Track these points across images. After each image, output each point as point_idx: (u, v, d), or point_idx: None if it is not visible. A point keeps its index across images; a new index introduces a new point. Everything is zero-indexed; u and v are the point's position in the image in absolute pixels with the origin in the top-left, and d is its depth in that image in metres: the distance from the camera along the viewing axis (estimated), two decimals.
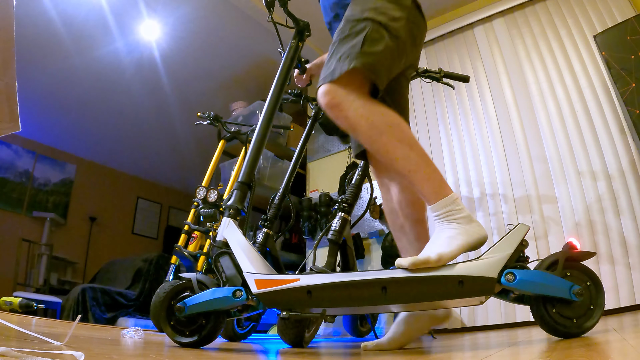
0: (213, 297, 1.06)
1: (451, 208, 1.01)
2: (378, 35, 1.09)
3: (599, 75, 2.38)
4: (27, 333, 1.00)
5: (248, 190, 1.28)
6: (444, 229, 1.00)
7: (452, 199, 1.02)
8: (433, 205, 1.02)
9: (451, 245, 0.96)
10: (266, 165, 3.38)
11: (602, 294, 0.93)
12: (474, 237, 0.99)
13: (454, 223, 1.00)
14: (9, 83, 0.80)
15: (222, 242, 1.17)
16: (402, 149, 1.04)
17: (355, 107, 1.05)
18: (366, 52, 1.06)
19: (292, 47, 1.48)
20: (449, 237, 0.98)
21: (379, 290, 0.96)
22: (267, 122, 1.36)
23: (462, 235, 0.98)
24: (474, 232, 1.00)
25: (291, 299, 1.03)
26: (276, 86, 1.40)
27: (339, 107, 1.05)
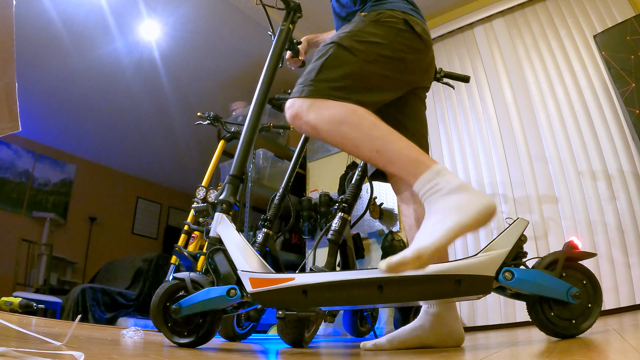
0: (207, 297, 1.05)
1: (436, 182, 0.84)
2: (338, 62, 1.05)
3: (599, 75, 2.39)
4: (27, 333, 0.99)
5: (240, 184, 1.24)
6: (430, 210, 0.83)
7: (435, 170, 0.86)
8: (415, 185, 0.87)
9: (434, 234, 0.77)
10: (266, 165, 3.37)
11: (600, 292, 0.93)
12: (471, 212, 0.78)
13: (442, 199, 0.82)
14: (8, 83, 0.80)
15: (215, 238, 1.15)
16: (362, 132, 0.95)
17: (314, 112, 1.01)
18: (320, 79, 1.03)
19: (283, 30, 1.43)
20: (434, 222, 0.80)
21: (375, 289, 0.95)
22: (259, 107, 1.32)
23: (452, 215, 0.78)
24: (470, 205, 0.78)
25: (287, 299, 1.01)
26: (267, 70, 1.36)
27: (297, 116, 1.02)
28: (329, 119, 0.98)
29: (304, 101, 1.02)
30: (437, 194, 0.83)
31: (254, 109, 1.32)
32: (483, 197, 0.80)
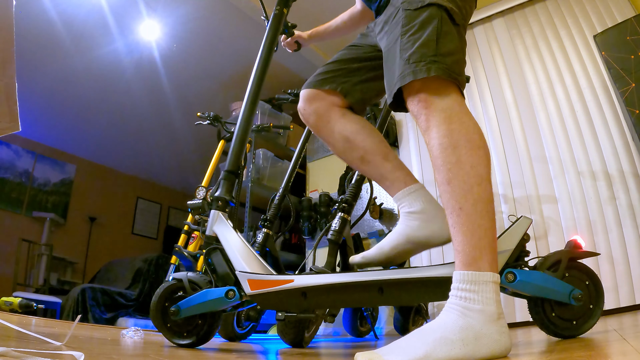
0: (206, 298, 1.04)
1: (477, 289, 0.71)
2: (448, 28, 0.88)
3: (599, 75, 2.39)
4: (27, 333, 0.99)
5: (236, 179, 1.21)
6: (449, 316, 0.71)
7: (487, 279, 0.72)
8: (458, 271, 0.75)
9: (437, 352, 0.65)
10: (266, 165, 3.37)
11: (602, 294, 0.92)
12: (483, 351, 0.67)
13: (467, 317, 0.69)
14: (8, 83, 0.80)
15: (212, 237, 1.12)
16: (467, 177, 0.78)
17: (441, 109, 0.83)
18: (442, 52, 0.85)
19: (277, 15, 1.40)
20: (444, 337, 0.67)
21: (375, 291, 0.94)
22: (254, 95, 1.28)
23: (464, 343, 0.66)
24: (485, 343, 0.67)
25: (286, 301, 1.00)
26: (262, 55, 1.32)
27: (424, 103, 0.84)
28: (453, 132, 0.81)
29: (434, 85, 0.83)
30: (466, 304, 0.71)
31: (248, 98, 1.28)
32: (505, 337, 0.70)
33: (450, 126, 0.81)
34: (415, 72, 0.84)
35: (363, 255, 1.04)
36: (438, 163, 0.81)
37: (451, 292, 0.74)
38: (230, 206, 1.18)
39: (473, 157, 0.79)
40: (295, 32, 1.62)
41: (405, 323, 1.99)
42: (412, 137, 2.93)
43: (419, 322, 2.11)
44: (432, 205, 1.03)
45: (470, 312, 0.70)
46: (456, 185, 0.78)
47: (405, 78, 0.85)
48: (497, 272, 0.75)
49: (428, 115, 0.84)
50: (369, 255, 1.03)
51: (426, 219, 1.00)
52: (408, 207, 1.03)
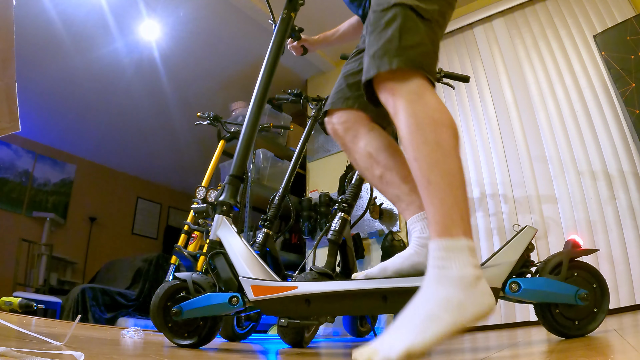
0: (209, 303, 1.04)
1: (451, 256, 0.74)
2: (412, 23, 0.94)
3: (599, 75, 2.39)
4: (27, 333, 0.99)
5: (240, 184, 1.20)
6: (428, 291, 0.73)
7: (460, 245, 0.75)
8: (433, 240, 0.78)
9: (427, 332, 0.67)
10: (266, 165, 3.37)
11: (607, 296, 0.92)
12: (467, 315, 0.70)
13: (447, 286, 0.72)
14: (8, 83, 0.80)
15: (215, 241, 1.12)
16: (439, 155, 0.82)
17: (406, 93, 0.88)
18: (405, 45, 0.90)
19: (284, 19, 1.39)
20: (429, 314, 0.69)
21: (379, 299, 0.93)
22: (261, 100, 1.27)
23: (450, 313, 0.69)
24: (470, 305, 0.71)
25: (289, 308, 0.99)
26: (269, 58, 1.32)
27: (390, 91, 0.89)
28: (417, 114, 0.85)
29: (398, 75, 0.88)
30: (443, 273, 0.74)
31: (255, 100, 1.28)
32: (486, 297, 0.73)
33: (415, 108, 0.86)
34: (379, 65, 0.89)
35: (365, 274, 1.04)
36: (406, 144, 0.86)
37: (429, 262, 0.77)
38: (234, 211, 1.17)
39: (437, 135, 0.83)
40: (302, 36, 1.62)
41: None
42: None
43: None
44: None
45: (447, 279, 0.73)
46: (423, 161, 0.83)
47: (370, 72, 0.91)
48: (470, 238, 0.77)
49: (395, 101, 0.89)
50: (371, 275, 1.03)
51: None
52: (419, 232, 1.02)
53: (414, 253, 1.01)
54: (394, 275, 0.99)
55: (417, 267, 0.98)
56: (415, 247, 1.01)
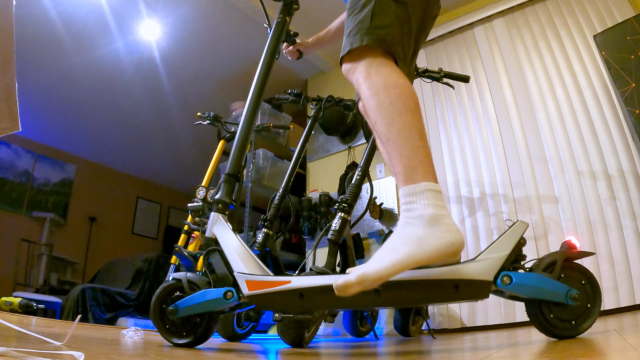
0: (204, 299, 1.04)
1: (413, 200, 0.81)
2: (384, 7, 1.01)
3: (599, 75, 2.39)
4: (27, 333, 0.99)
5: (236, 182, 1.22)
6: (396, 231, 0.83)
7: (420, 188, 0.82)
8: (400, 189, 0.86)
9: (382, 262, 0.76)
10: (266, 165, 3.37)
11: (599, 292, 0.92)
12: (427, 248, 0.77)
13: (409, 225, 0.80)
14: (8, 83, 0.80)
15: (211, 239, 1.13)
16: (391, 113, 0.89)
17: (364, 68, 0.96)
18: (375, 25, 0.97)
19: (280, 23, 1.41)
20: (390, 247, 0.79)
21: (372, 293, 0.94)
22: (256, 100, 1.29)
23: (407, 245, 0.77)
24: (430, 240, 0.77)
25: (283, 302, 1.00)
26: (264, 63, 1.33)
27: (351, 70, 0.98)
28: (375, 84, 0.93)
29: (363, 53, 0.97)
30: (408, 215, 0.82)
31: (250, 103, 1.29)
32: (450, 233, 0.78)
33: (371, 79, 0.94)
34: (352, 42, 0.98)
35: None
36: (367, 112, 0.95)
37: (400, 209, 0.85)
38: (230, 209, 1.18)
39: (390, 97, 0.91)
40: (297, 40, 1.62)
41: (405, 323, 2.00)
42: None
43: (419, 322, 2.12)
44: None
45: (411, 219, 0.81)
46: (380, 122, 0.90)
47: (345, 49, 1.00)
48: (433, 181, 0.84)
49: (357, 78, 0.97)
50: None
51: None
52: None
53: None
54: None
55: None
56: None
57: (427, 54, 3.10)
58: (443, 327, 2.45)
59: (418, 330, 2.11)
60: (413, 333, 2.02)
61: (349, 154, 3.32)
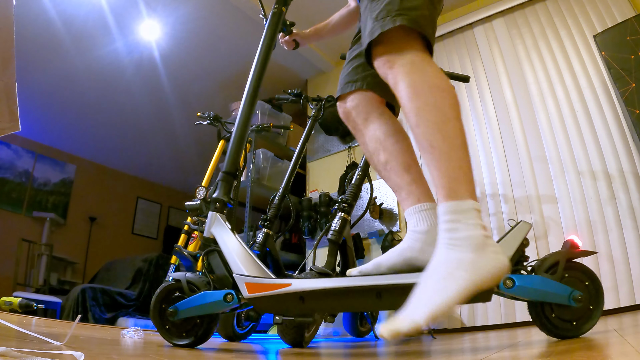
0: (204, 301, 1.03)
1: (458, 219, 0.75)
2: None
3: (599, 75, 2.39)
4: (27, 333, 0.99)
5: (234, 181, 1.20)
6: (441, 256, 0.75)
7: (467, 206, 0.76)
8: (441, 204, 0.79)
9: (447, 291, 0.68)
10: (266, 165, 3.37)
11: (602, 294, 0.92)
12: (483, 273, 0.70)
13: (458, 247, 0.73)
14: (8, 83, 0.80)
15: (209, 238, 1.12)
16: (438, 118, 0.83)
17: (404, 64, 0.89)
18: (406, 7, 0.91)
19: (275, 13, 1.38)
20: (444, 275, 0.71)
21: (373, 296, 0.93)
22: (252, 95, 1.27)
23: (465, 271, 0.70)
24: (482, 264, 0.71)
25: (283, 305, 0.99)
26: (260, 54, 1.31)
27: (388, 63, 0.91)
28: (416, 82, 0.86)
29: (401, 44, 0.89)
30: (452, 235, 0.75)
31: (246, 97, 1.27)
32: (498, 256, 0.73)
33: (413, 77, 0.87)
34: (383, 25, 0.90)
35: (359, 270, 1.02)
36: (407, 112, 0.87)
37: (439, 227, 0.77)
38: (228, 207, 1.17)
39: (437, 99, 0.84)
40: (294, 31, 1.61)
41: None
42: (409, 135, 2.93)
43: None
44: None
45: (457, 241, 0.74)
46: (424, 125, 0.83)
47: (374, 32, 0.92)
48: (476, 200, 0.78)
49: (394, 73, 0.90)
50: (365, 271, 1.01)
51: (429, 242, 0.98)
52: (414, 225, 1.02)
53: (407, 248, 1.00)
54: (388, 271, 0.98)
55: (411, 262, 0.98)
56: (408, 241, 1.01)
57: None
58: (443, 327, 2.45)
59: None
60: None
61: (349, 154, 3.32)
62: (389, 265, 0.99)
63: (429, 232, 0.99)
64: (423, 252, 0.97)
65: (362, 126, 1.15)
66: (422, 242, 0.98)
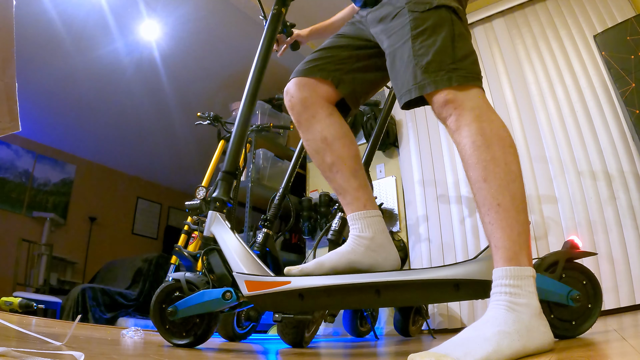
0: (203, 299, 1.04)
1: (520, 284, 0.73)
2: (460, 29, 0.88)
3: (599, 75, 2.39)
4: (27, 333, 0.99)
5: (233, 180, 1.20)
6: (498, 312, 0.71)
7: (528, 274, 0.74)
8: (500, 267, 0.75)
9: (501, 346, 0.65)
10: (266, 165, 3.37)
11: (600, 293, 0.92)
12: (536, 342, 0.69)
13: (515, 311, 0.70)
14: (8, 83, 0.80)
15: (209, 237, 1.12)
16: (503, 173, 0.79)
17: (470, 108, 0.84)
18: (460, 56, 0.85)
19: (275, 15, 1.38)
20: (500, 331, 0.67)
21: (372, 293, 0.93)
22: (252, 96, 1.27)
23: (521, 335, 0.67)
24: (537, 335, 0.69)
25: (283, 303, 1.00)
26: (260, 56, 1.31)
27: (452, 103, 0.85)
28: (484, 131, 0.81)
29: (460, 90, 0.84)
30: (513, 299, 0.72)
31: (246, 98, 1.27)
32: (549, 332, 0.72)
33: (482, 124, 0.82)
34: (437, 81, 0.84)
35: (300, 269, 1.02)
36: (472, 161, 0.82)
37: (495, 288, 0.75)
38: (228, 207, 1.17)
39: (507, 155, 0.80)
40: (294, 32, 1.60)
41: (405, 323, 1.99)
42: (412, 137, 2.93)
43: (419, 322, 2.12)
44: (382, 236, 1.04)
45: (517, 306, 0.71)
46: (493, 182, 0.79)
47: (426, 88, 0.86)
48: (533, 267, 0.76)
49: (458, 115, 0.84)
50: (307, 270, 1.01)
51: (373, 248, 1.01)
52: (360, 231, 1.04)
53: (351, 251, 1.01)
54: (330, 272, 0.99)
55: (353, 265, 1.00)
56: (352, 245, 1.03)
57: None
58: (443, 327, 2.45)
59: (418, 330, 2.11)
60: (413, 333, 2.02)
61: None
62: (331, 266, 1.01)
63: (373, 238, 1.02)
64: (366, 257, 1.00)
65: (307, 123, 1.12)
66: (366, 247, 1.01)
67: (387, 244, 1.04)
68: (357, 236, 1.03)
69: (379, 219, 1.06)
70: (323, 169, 1.11)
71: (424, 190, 2.80)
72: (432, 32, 0.87)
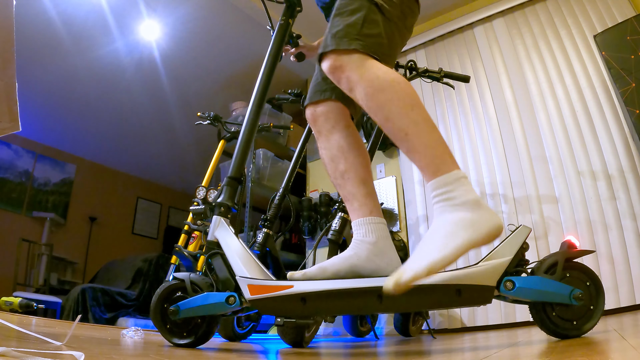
0: (206, 302, 1.04)
1: (451, 188, 0.83)
2: (374, 17, 1.04)
3: (599, 75, 2.39)
4: (27, 333, 0.99)
5: (239, 186, 1.22)
6: (441, 218, 0.82)
7: (455, 176, 0.84)
8: (431, 182, 0.86)
9: (447, 248, 0.77)
10: (266, 165, 3.37)
11: (602, 294, 0.92)
12: (482, 231, 0.78)
13: (455, 212, 0.81)
14: (8, 83, 0.80)
15: (213, 242, 1.13)
16: (401, 109, 0.91)
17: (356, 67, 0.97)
18: (365, 33, 1.00)
19: (282, 25, 1.39)
20: (446, 233, 0.79)
21: (374, 298, 0.93)
22: (259, 104, 1.29)
23: (464, 230, 0.78)
24: (481, 223, 0.79)
25: (285, 307, 1.00)
26: (267, 66, 1.33)
27: (340, 68, 0.99)
28: (373, 81, 0.94)
29: (352, 55, 0.98)
30: (450, 202, 0.82)
31: (253, 106, 1.29)
32: (494, 216, 0.80)
33: (370, 77, 0.95)
34: (339, 43, 1.00)
35: (303, 273, 1.03)
36: (373, 108, 0.94)
37: (433, 200, 0.85)
38: (232, 212, 1.18)
39: (397, 91, 0.92)
40: (300, 43, 1.61)
41: (405, 323, 1.99)
42: None
43: (419, 322, 2.11)
44: (385, 242, 1.06)
45: (456, 206, 0.82)
46: (394, 117, 0.91)
47: (328, 47, 1.01)
48: (460, 169, 0.86)
49: (349, 77, 0.97)
50: (309, 274, 1.03)
51: (375, 253, 1.03)
52: (363, 236, 1.06)
53: (354, 255, 1.03)
54: (333, 276, 1.00)
55: (356, 270, 1.00)
56: (355, 249, 1.04)
57: (427, 54, 3.10)
58: (443, 327, 2.45)
59: (418, 330, 2.11)
60: (413, 333, 2.02)
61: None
62: (334, 271, 1.02)
63: (376, 243, 1.04)
64: (369, 262, 1.02)
65: (328, 133, 1.19)
66: (369, 252, 1.03)
67: (390, 250, 1.05)
68: (360, 241, 1.05)
69: (383, 226, 1.08)
70: (335, 175, 1.17)
71: (424, 190, 2.80)
72: (350, 13, 1.04)
